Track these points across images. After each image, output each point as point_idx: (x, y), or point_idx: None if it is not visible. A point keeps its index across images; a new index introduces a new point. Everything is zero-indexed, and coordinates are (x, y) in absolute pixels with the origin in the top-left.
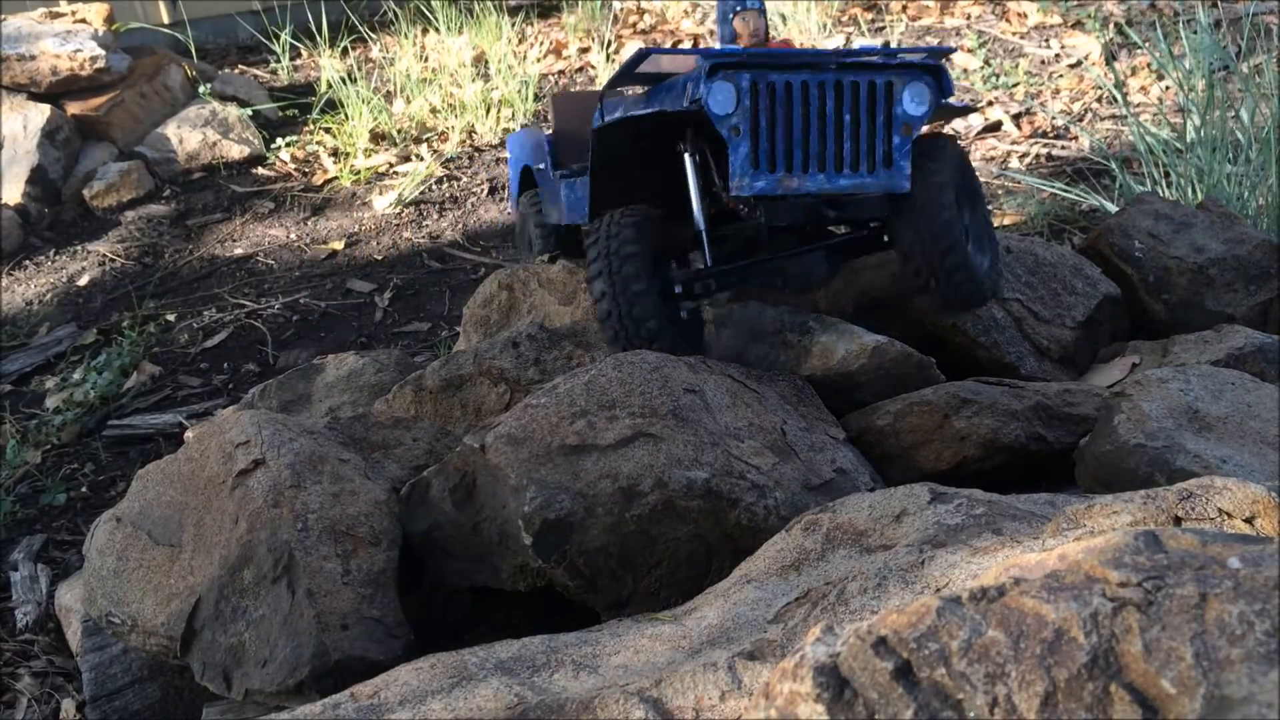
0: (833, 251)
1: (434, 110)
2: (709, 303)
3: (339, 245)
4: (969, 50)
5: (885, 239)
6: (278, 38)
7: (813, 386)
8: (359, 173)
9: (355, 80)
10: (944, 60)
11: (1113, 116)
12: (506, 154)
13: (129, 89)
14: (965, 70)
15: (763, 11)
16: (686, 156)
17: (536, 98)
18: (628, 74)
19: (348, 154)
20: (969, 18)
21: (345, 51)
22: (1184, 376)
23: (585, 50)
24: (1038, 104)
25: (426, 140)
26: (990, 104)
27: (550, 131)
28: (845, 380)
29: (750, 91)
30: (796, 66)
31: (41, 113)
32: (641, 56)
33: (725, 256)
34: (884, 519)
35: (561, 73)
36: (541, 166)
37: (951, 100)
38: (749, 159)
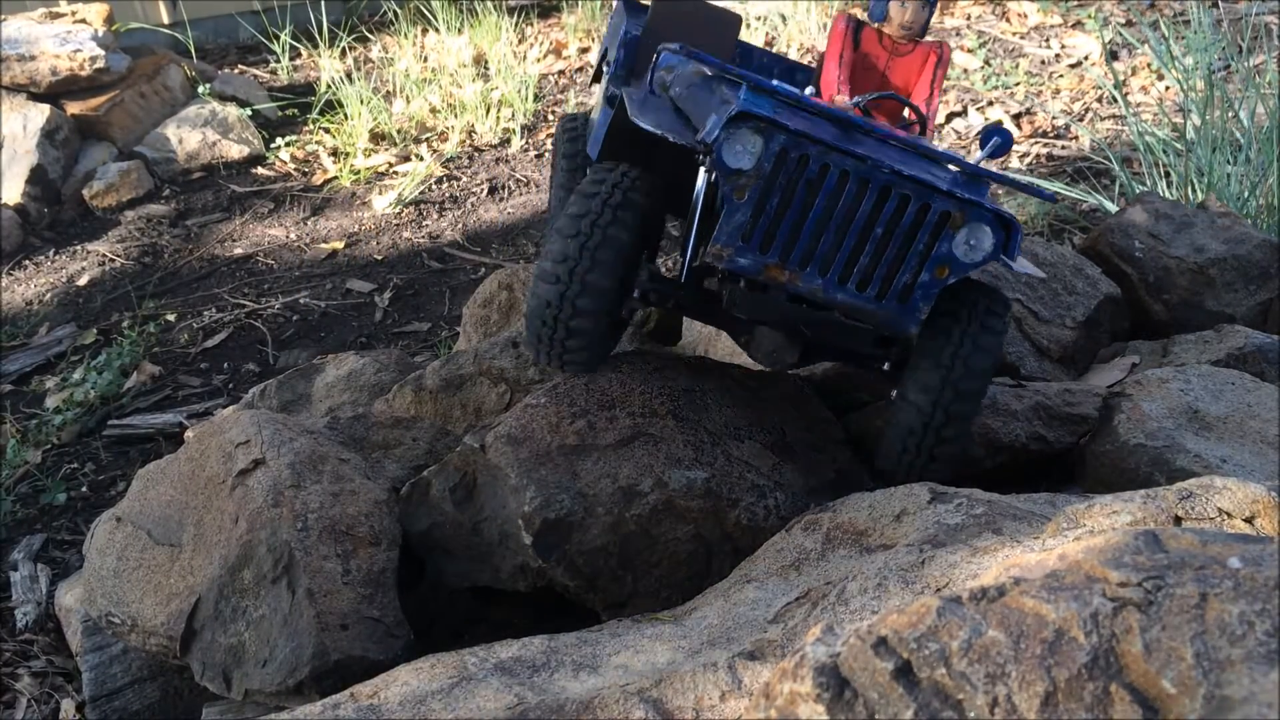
0: (816, 348)
1: (434, 110)
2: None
3: (339, 245)
4: (969, 50)
5: (885, 370)
6: (278, 38)
7: (813, 386)
8: (359, 173)
9: (355, 80)
10: (1038, 198)
11: (1113, 116)
12: (518, 171)
13: (129, 89)
14: (965, 70)
15: (932, 3)
16: (702, 171)
17: (536, 98)
18: (681, 58)
19: (347, 154)
20: (969, 18)
21: (345, 51)
22: (1184, 376)
23: (585, 50)
24: (1038, 104)
25: (426, 140)
26: (990, 104)
27: (638, 30)
28: (845, 380)
29: (778, 157)
30: (847, 151)
31: (41, 113)
32: (706, 72)
33: (699, 282)
34: (884, 519)
35: (561, 72)
36: (605, 67)
37: (1011, 263)
38: (742, 228)
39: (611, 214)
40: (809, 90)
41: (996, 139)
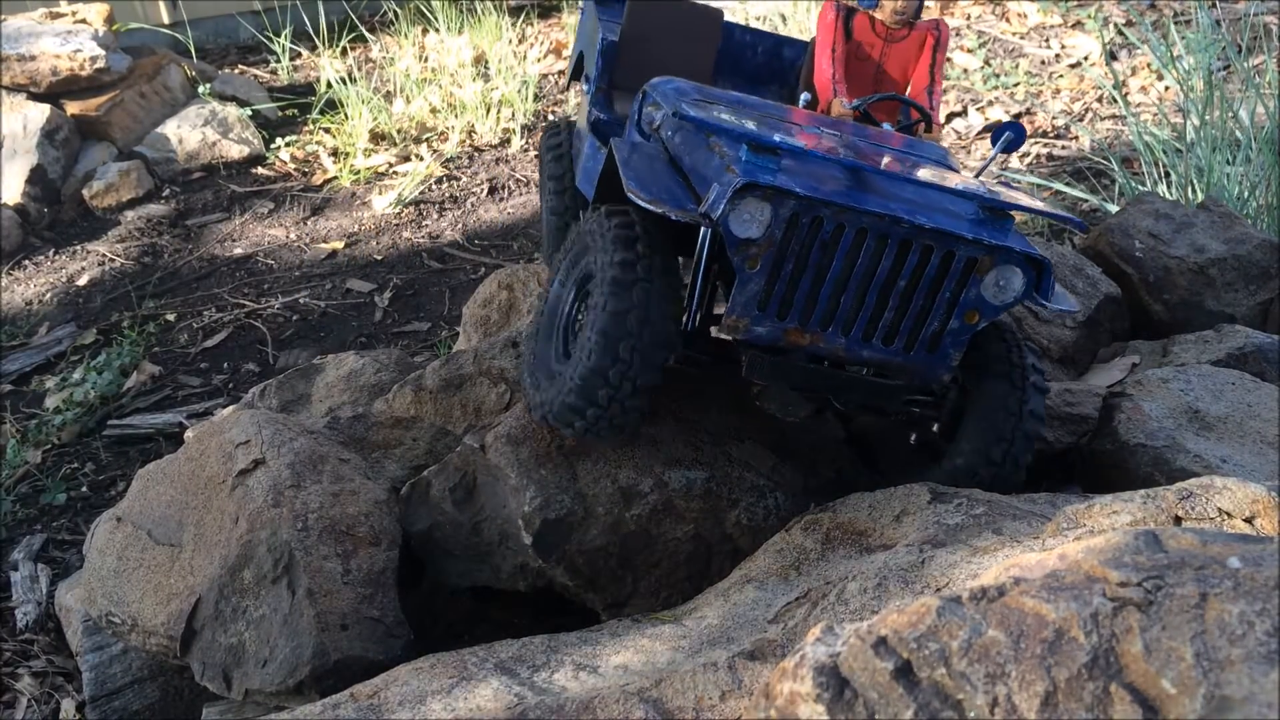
0: (841, 403)
1: (434, 110)
2: None
3: (339, 245)
4: (969, 50)
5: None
6: (278, 38)
7: None
8: (359, 173)
9: (355, 80)
10: (1069, 232)
11: (1113, 116)
12: (518, 171)
13: (129, 89)
14: (965, 70)
15: None
16: (703, 231)
17: (536, 98)
18: (666, 100)
19: (347, 154)
20: (969, 18)
21: (345, 51)
22: (1184, 376)
23: None
24: (1038, 104)
25: (426, 140)
26: (990, 104)
27: (616, 30)
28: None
29: (789, 223)
30: (862, 210)
31: (41, 112)
32: (676, 116)
33: (706, 334)
34: (884, 519)
35: (561, 72)
36: (584, 83)
37: (1046, 303)
38: (757, 298)
39: (659, 305)
40: (804, 97)
41: (1009, 134)
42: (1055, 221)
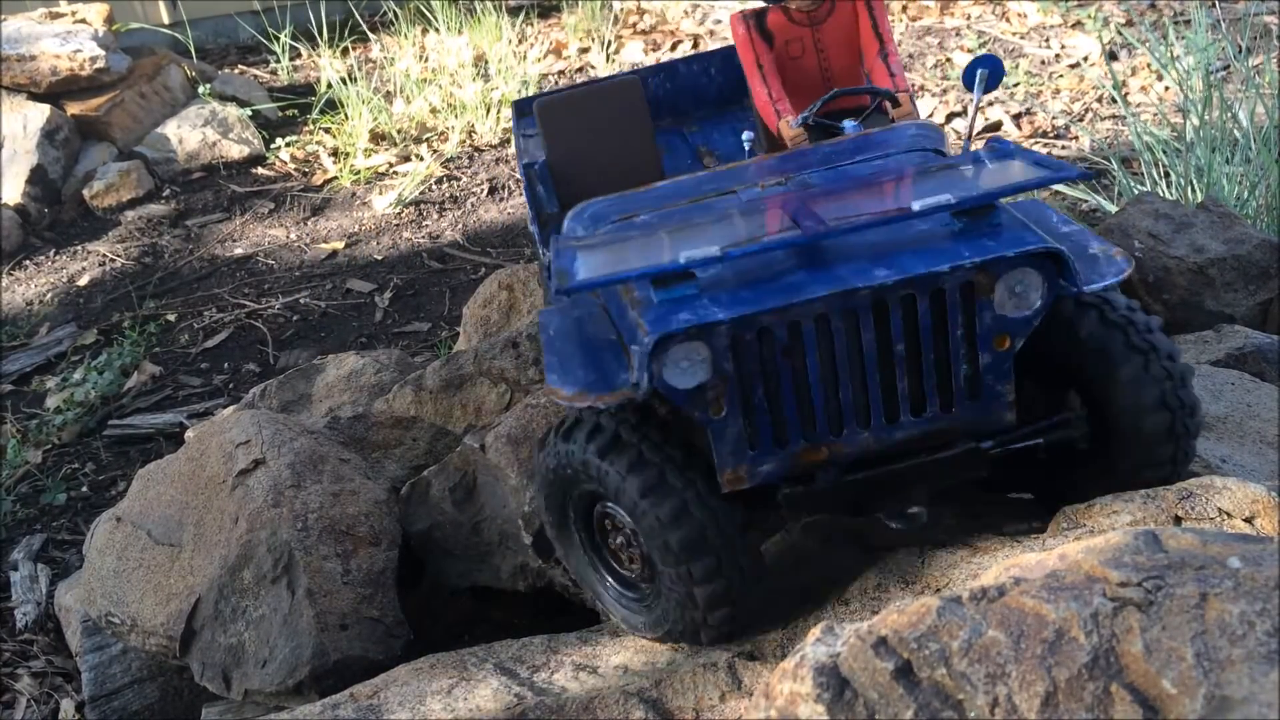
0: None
1: (434, 110)
2: None
3: (339, 245)
4: (969, 50)
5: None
6: (278, 38)
7: None
8: (359, 173)
9: (355, 80)
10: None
11: (1113, 116)
12: (518, 172)
13: (129, 89)
14: None
15: None
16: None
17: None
18: (561, 295)
19: (348, 154)
20: (969, 18)
21: (345, 51)
22: None
23: (585, 50)
24: (1038, 104)
25: (426, 140)
26: (990, 104)
27: (541, 157)
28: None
29: (733, 348)
30: (809, 299)
31: (41, 113)
32: (566, 293)
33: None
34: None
35: (561, 72)
36: (533, 229)
37: (1085, 288)
38: (743, 441)
39: (715, 501)
40: (747, 136)
41: (981, 70)
42: (1048, 185)
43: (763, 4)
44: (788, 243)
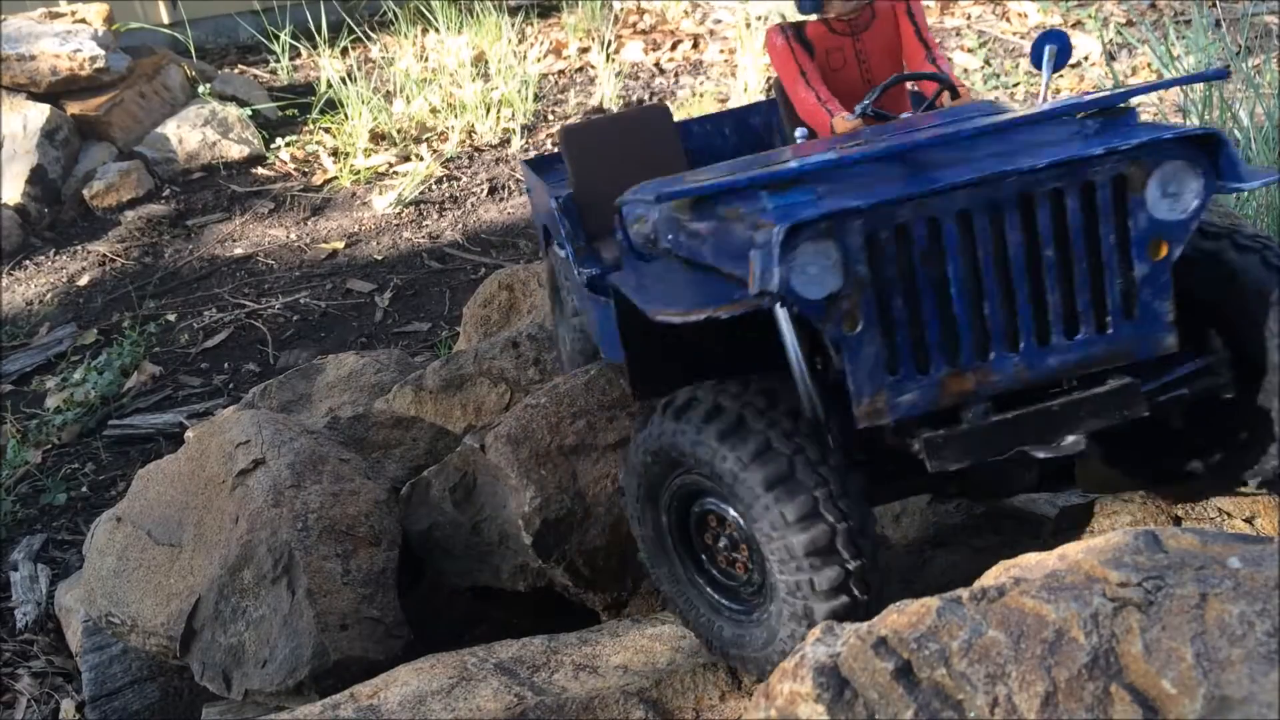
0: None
1: (434, 110)
2: None
3: (339, 245)
4: (969, 50)
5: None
6: (278, 38)
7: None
8: (359, 173)
9: (355, 80)
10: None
11: None
12: (518, 171)
13: (129, 89)
14: (965, 70)
15: None
16: (777, 308)
17: (536, 98)
18: (645, 203)
19: (347, 154)
20: (969, 18)
21: (345, 51)
22: None
23: (585, 50)
24: (1038, 104)
25: (426, 140)
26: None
27: (563, 185)
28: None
29: (867, 249)
30: (940, 190)
31: (41, 112)
32: (659, 199)
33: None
34: (884, 519)
35: (561, 72)
36: (562, 253)
37: (1242, 184)
38: (881, 363)
39: (859, 544)
40: (800, 133)
41: (1051, 46)
42: (1187, 84)
43: (802, 18)
44: (916, 143)
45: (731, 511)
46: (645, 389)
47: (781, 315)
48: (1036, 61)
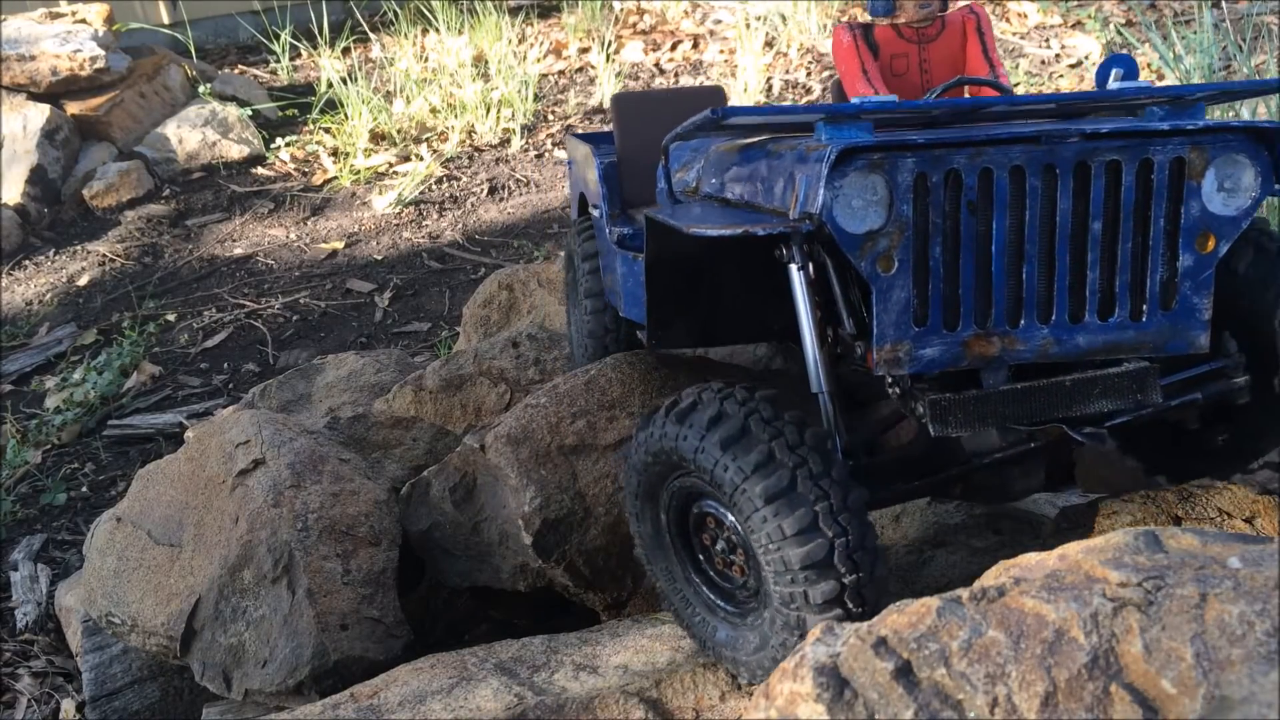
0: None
1: (434, 110)
2: None
3: (339, 245)
4: None
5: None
6: (278, 38)
7: None
8: (359, 173)
9: (355, 80)
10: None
11: None
12: (518, 171)
13: (129, 89)
14: None
15: None
16: (793, 270)
17: (536, 98)
18: (704, 129)
19: (347, 154)
20: None
21: (345, 51)
22: None
23: (585, 50)
24: None
25: (426, 140)
26: None
27: (612, 150)
28: (843, 380)
29: (915, 190)
30: (998, 139)
31: (41, 113)
32: (713, 121)
33: (868, 440)
34: (883, 518)
35: (561, 72)
36: (596, 209)
37: None
38: (908, 310)
39: (856, 558)
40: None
41: (1116, 69)
42: (1249, 93)
43: (871, 20)
44: (979, 100)
45: (730, 517)
46: (662, 339)
47: (796, 279)
48: (1102, 85)
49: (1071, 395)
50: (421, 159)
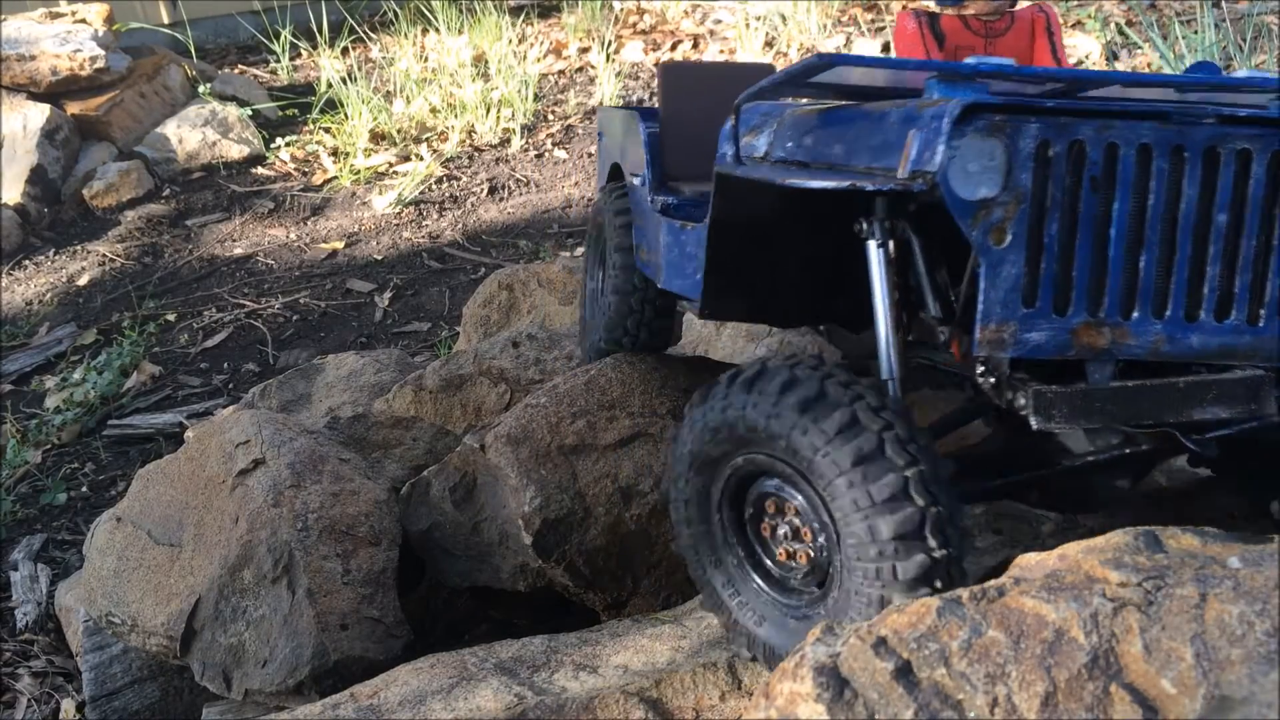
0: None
1: (434, 110)
2: None
3: (339, 245)
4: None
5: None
6: (278, 38)
7: None
8: (359, 172)
9: (355, 80)
10: None
11: None
12: (518, 171)
13: (129, 89)
14: None
15: None
16: (872, 246)
17: (536, 98)
18: (796, 82)
19: (347, 154)
20: None
21: (345, 51)
22: None
23: (585, 50)
24: None
25: (426, 140)
26: None
27: (655, 122)
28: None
29: (1036, 158)
30: (1129, 113)
31: (41, 112)
32: (821, 65)
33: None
34: None
35: (561, 72)
36: (637, 179)
37: None
38: (1019, 288)
39: (948, 533)
40: None
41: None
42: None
43: (938, 10)
44: (1101, 75)
45: (798, 497)
46: (715, 309)
47: (875, 256)
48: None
49: (1185, 398)
50: (421, 159)
